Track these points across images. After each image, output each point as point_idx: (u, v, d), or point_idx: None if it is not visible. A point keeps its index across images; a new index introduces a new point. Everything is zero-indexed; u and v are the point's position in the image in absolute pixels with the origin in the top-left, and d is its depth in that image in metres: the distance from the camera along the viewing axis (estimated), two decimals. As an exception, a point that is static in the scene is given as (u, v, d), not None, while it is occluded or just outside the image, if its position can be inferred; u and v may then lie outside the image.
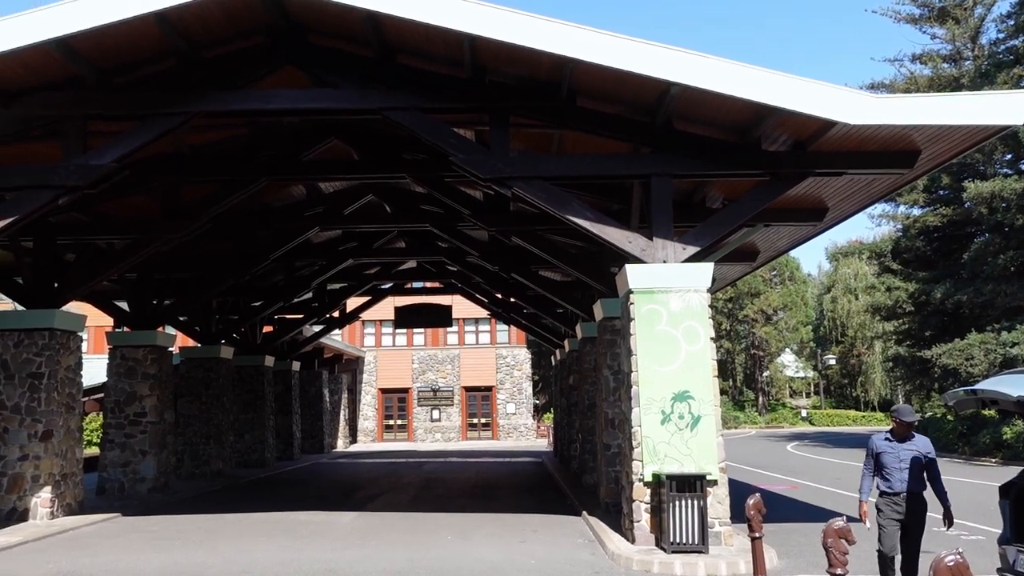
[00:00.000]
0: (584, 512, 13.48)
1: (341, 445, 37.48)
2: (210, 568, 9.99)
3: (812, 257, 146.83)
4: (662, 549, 9.94)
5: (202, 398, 21.59)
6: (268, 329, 27.17)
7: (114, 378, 17.56)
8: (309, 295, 25.70)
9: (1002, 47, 32.86)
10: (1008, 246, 29.64)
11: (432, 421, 42.92)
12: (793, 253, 70.81)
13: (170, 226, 14.73)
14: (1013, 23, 31.98)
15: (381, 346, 43.77)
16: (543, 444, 37.75)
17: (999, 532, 7.19)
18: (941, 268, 33.74)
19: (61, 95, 11.38)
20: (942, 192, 33.72)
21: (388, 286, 28.38)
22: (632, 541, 10.42)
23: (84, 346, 16.24)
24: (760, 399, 63.20)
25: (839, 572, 5.87)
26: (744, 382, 67.05)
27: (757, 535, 7.29)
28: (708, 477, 10.03)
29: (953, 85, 33.41)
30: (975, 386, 7.39)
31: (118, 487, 17.23)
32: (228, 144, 15.20)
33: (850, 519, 6.32)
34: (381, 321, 42.26)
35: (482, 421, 43.57)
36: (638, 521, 10.37)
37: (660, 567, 9.40)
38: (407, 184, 18.21)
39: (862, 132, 10.13)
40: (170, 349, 18.50)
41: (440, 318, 30.50)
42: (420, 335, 43.49)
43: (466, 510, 14.82)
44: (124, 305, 18.83)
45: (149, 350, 17.59)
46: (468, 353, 43.37)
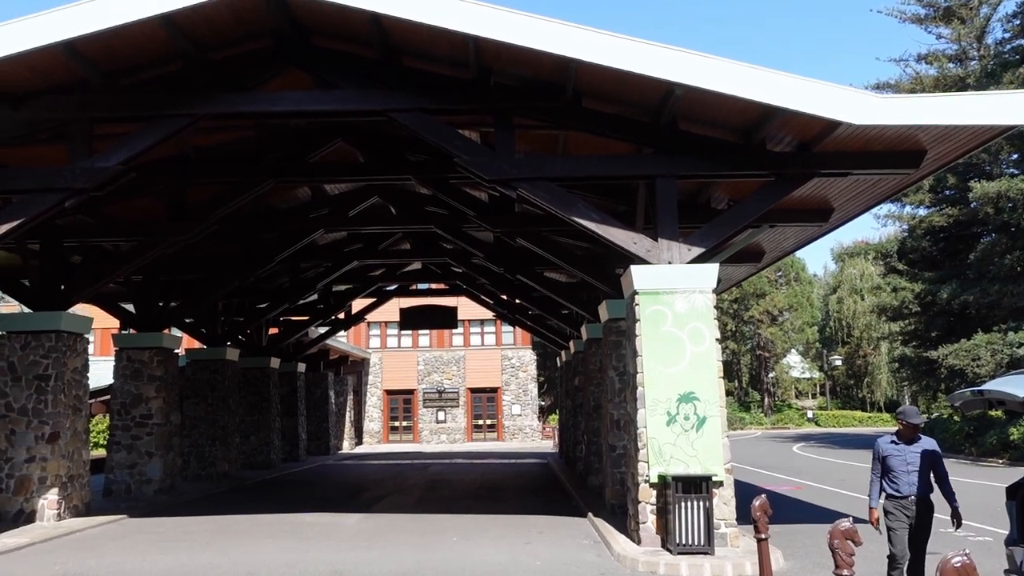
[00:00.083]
0: (590, 513, 13.47)
1: (347, 447, 37.51)
2: (216, 569, 10.01)
3: (818, 258, 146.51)
4: (668, 550, 9.93)
5: (208, 400, 21.63)
6: (274, 331, 27.23)
7: (120, 380, 17.61)
8: (314, 297, 25.76)
9: (1008, 47, 32.76)
10: (1015, 246, 29.54)
11: (437, 422, 42.93)
12: (799, 254, 70.65)
13: (176, 228, 14.77)
14: (1019, 23, 31.86)
15: (386, 347, 43.81)
16: (548, 445, 37.74)
17: (1006, 533, 7.17)
18: (947, 268, 33.63)
19: (67, 98, 11.41)
20: (948, 192, 33.59)
21: (393, 288, 28.41)
22: (638, 542, 10.42)
23: (90, 348, 16.30)
24: (766, 400, 63.05)
25: (845, 573, 5.87)
26: (750, 383, 66.89)
27: (763, 536, 7.27)
28: (714, 478, 10.01)
29: (959, 85, 33.32)
30: (982, 387, 7.37)
31: (124, 489, 17.28)
32: (234, 146, 15.23)
33: (856, 520, 6.31)
34: (386, 323, 42.31)
35: (487, 422, 43.57)
36: (644, 522, 10.36)
37: (666, 568, 9.39)
38: (412, 186, 18.22)
39: (867, 132, 10.11)
40: (176, 351, 18.53)
41: (445, 319, 30.53)
42: (425, 336, 43.55)
43: (472, 512, 14.83)
44: (130, 307, 18.88)
45: (155, 352, 17.63)
46: (473, 354, 43.39)
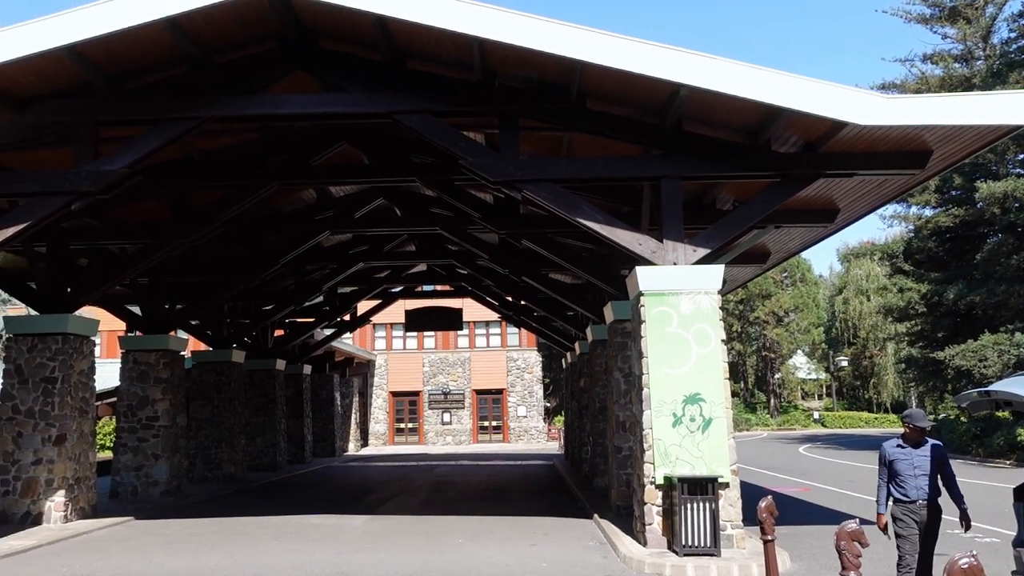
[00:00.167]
0: (595, 515, 13.46)
1: (352, 448, 37.53)
2: (222, 572, 10.02)
3: (824, 258, 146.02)
4: (674, 552, 9.91)
5: (214, 402, 21.66)
6: (279, 333, 27.26)
7: (127, 382, 17.65)
8: (320, 299, 25.80)
9: (1014, 46, 32.67)
10: (1021, 246, 29.44)
11: (443, 424, 42.93)
12: (804, 254, 70.54)
13: (181, 231, 14.81)
14: (1025, 22, 31.81)
15: (392, 349, 43.83)
16: (554, 447, 37.72)
17: (1014, 535, 7.14)
18: (954, 269, 33.52)
19: (73, 102, 11.45)
20: (954, 192, 33.50)
21: (398, 289, 28.46)
22: (644, 544, 10.40)
23: (97, 350, 16.33)
24: (772, 401, 62.91)
25: (852, 575, 5.84)
26: (756, 384, 66.76)
27: (769, 538, 7.25)
28: (720, 480, 10.00)
29: (965, 85, 33.21)
30: (989, 387, 7.34)
31: (131, 491, 17.31)
32: (239, 149, 15.27)
33: (863, 521, 6.28)
34: (392, 324, 42.36)
35: (493, 424, 43.55)
36: (650, 524, 10.35)
37: (672, 570, 9.37)
38: (417, 187, 18.24)
39: (873, 133, 10.09)
40: (182, 353, 18.57)
41: (451, 321, 30.55)
42: (431, 338, 43.57)
43: (477, 513, 14.82)
44: (136, 310, 18.93)
45: (161, 354, 17.67)
46: (479, 356, 43.38)
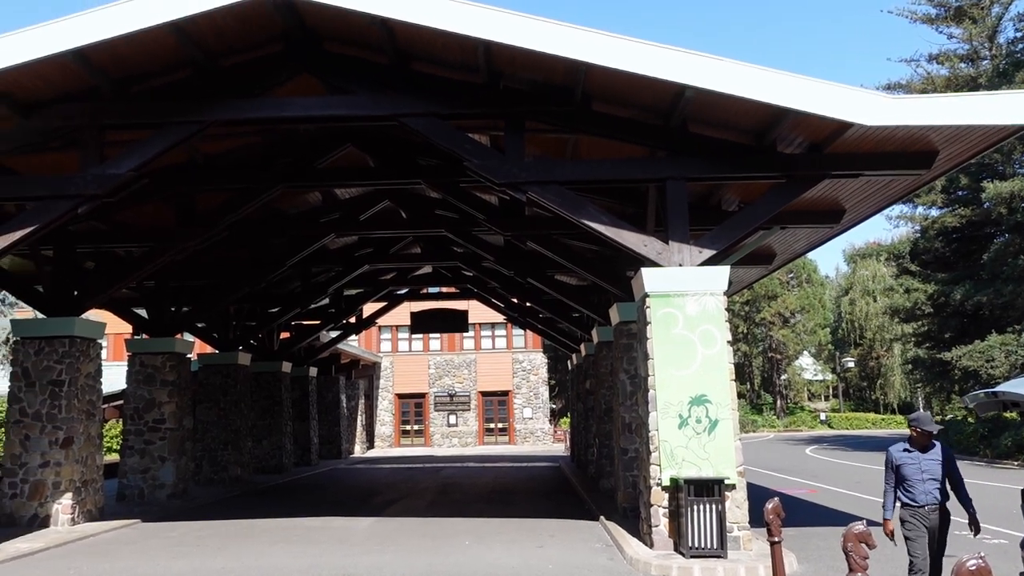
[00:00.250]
0: (602, 517, 13.44)
1: (358, 450, 37.56)
2: (229, 574, 10.04)
3: (830, 259, 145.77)
4: (680, 554, 9.90)
5: (220, 404, 21.70)
6: (285, 335, 27.30)
7: (133, 385, 17.69)
8: (326, 301, 25.82)
9: (1020, 46, 32.54)
10: (1028, 247, 29.38)
11: (449, 426, 42.95)
12: (810, 255, 70.40)
13: (186, 234, 14.85)
14: (1030, 22, 31.73)
15: (398, 351, 43.87)
16: (560, 449, 37.70)
17: (1021, 536, 7.11)
18: (960, 269, 33.42)
19: (78, 106, 11.48)
20: (960, 193, 33.40)
21: (404, 291, 28.45)
22: (650, 546, 10.39)
23: (104, 353, 16.37)
24: (778, 402, 62.78)
25: (859, 577, 5.83)
26: (762, 385, 66.64)
27: (776, 540, 7.24)
28: (726, 481, 9.98)
29: (971, 85, 33.12)
30: (996, 388, 7.32)
31: (138, 493, 17.35)
32: (244, 152, 15.29)
33: (871, 523, 6.26)
34: (397, 326, 42.37)
35: (499, 426, 43.54)
36: (656, 526, 10.33)
37: (678, 572, 9.36)
38: (422, 190, 18.25)
39: (879, 133, 10.07)
40: (188, 356, 18.62)
41: (456, 323, 30.55)
42: (436, 340, 43.58)
43: (483, 515, 14.81)
44: (143, 312, 18.98)
45: (168, 357, 17.71)
46: (484, 358, 43.39)
